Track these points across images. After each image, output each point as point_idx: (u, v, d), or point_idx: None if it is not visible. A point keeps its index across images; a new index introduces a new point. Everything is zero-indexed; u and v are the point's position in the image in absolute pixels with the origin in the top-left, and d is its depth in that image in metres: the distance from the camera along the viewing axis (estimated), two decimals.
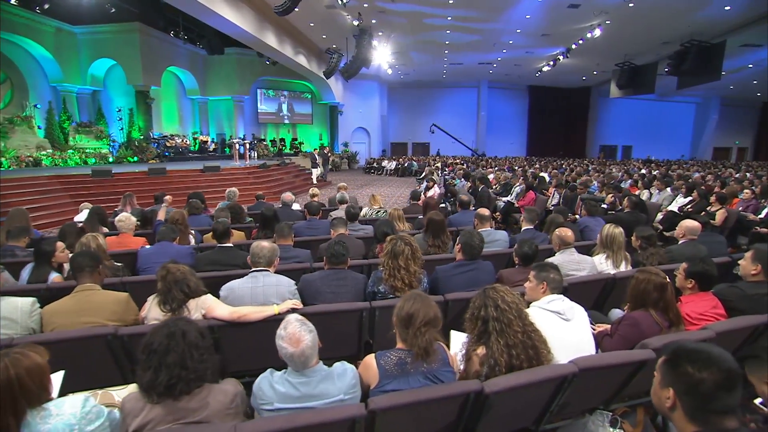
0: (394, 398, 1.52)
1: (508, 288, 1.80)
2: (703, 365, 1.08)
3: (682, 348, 1.15)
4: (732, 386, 1.06)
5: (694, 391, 1.08)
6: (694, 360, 1.10)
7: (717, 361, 1.07)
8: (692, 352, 1.12)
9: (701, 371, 1.07)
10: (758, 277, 2.46)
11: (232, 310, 2.24)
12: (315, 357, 1.58)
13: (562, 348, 1.97)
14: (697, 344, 1.15)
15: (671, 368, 1.15)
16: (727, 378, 1.06)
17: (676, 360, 1.14)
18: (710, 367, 1.07)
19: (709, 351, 1.11)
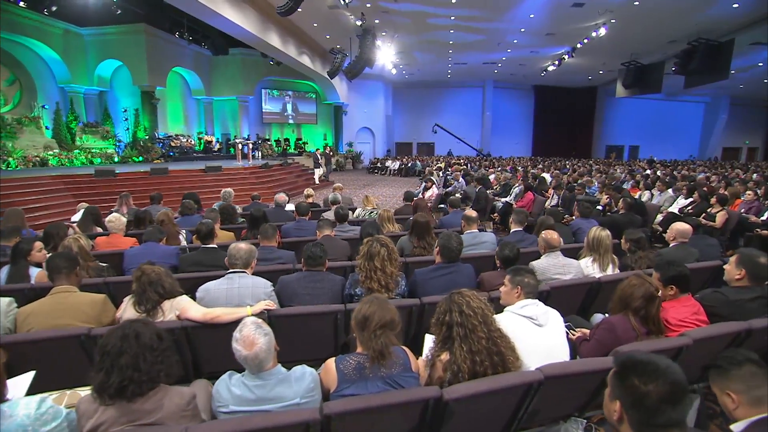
0: (348, 403, 1.51)
1: (474, 293, 1.78)
2: (649, 378, 1.06)
3: (630, 360, 1.12)
4: (676, 400, 1.03)
5: (639, 405, 1.06)
6: (640, 372, 1.07)
7: (663, 373, 1.05)
8: (640, 364, 1.09)
9: (647, 384, 1.05)
10: (742, 282, 2.40)
11: (204, 312, 2.25)
12: (271, 360, 1.57)
13: (533, 354, 1.94)
14: (646, 356, 1.12)
15: (619, 380, 1.13)
16: (671, 392, 1.03)
17: (624, 372, 1.12)
18: (656, 380, 1.04)
19: (656, 363, 1.08)
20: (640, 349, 1.82)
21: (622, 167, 16.79)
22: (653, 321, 2.06)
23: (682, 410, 1.05)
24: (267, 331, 1.57)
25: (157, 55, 16.48)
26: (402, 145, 30.13)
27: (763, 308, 2.36)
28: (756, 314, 2.32)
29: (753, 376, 1.28)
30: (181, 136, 18.09)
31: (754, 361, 1.31)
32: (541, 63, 21.53)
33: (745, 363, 1.31)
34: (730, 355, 1.35)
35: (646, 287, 2.06)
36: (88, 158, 14.03)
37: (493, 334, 1.69)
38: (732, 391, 1.31)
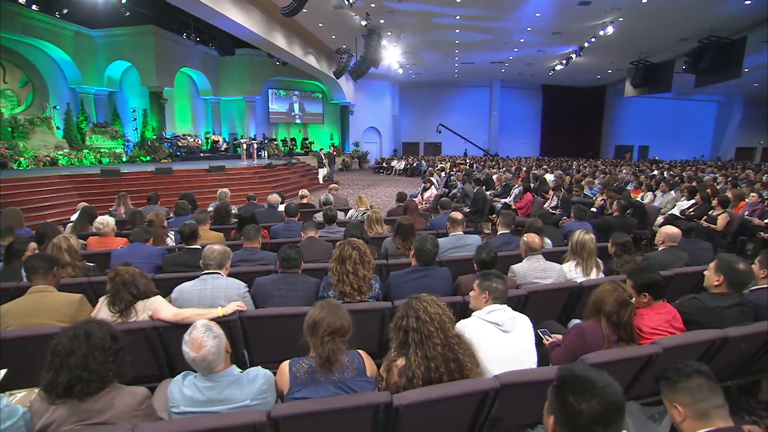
0: (296, 406, 1.52)
1: (434, 299, 1.77)
2: (583, 396, 1.02)
3: (569, 375, 1.09)
4: (608, 422, 1.00)
5: (571, 423, 1.02)
6: (576, 390, 1.04)
7: (599, 393, 1.01)
8: (578, 380, 1.06)
9: (581, 403, 1.01)
10: (721, 288, 2.35)
11: (175, 312, 2.28)
12: (221, 362, 1.58)
13: (497, 360, 1.93)
14: (586, 372, 1.08)
15: (555, 395, 1.09)
16: (603, 412, 1.00)
17: (561, 387, 1.08)
18: (590, 399, 1.01)
19: (594, 381, 1.04)
20: (588, 362, 1.80)
21: (629, 168, 16.50)
22: (625, 328, 2.02)
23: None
24: (217, 334, 1.58)
25: (165, 56, 16.72)
26: (409, 144, 30.09)
27: (741, 316, 2.30)
28: (733, 322, 2.27)
29: (699, 389, 1.25)
30: (188, 136, 18.33)
31: (703, 373, 1.28)
32: (548, 62, 21.30)
33: (693, 375, 1.27)
34: (679, 367, 1.32)
35: (619, 293, 2.03)
36: (97, 158, 14.30)
37: (450, 341, 1.67)
38: (678, 404, 1.28)
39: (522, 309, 2.82)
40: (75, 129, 15.42)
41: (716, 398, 1.23)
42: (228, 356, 1.66)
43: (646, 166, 17.12)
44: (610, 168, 15.74)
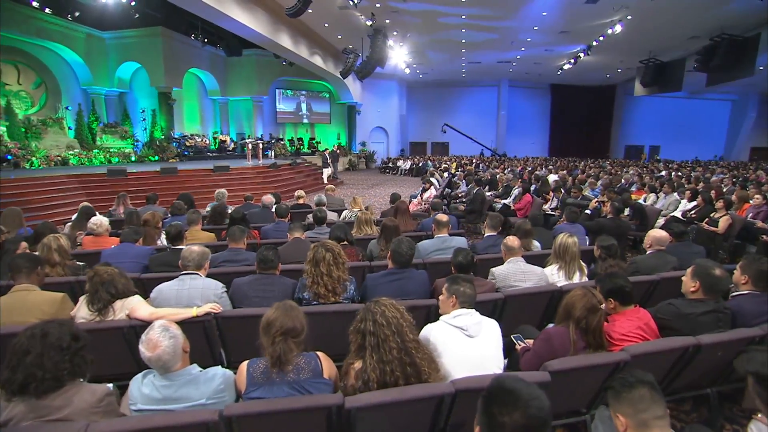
0: (248, 406, 1.55)
1: (393, 303, 1.77)
2: (507, 408, 1.02)
3: (497, 386, 1.08)
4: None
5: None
6: (500, 402, 1.04)
7: (523, 406, 1.01)
8: (503, 392, 1.06)
9: (503, 415, 1.01)
10: (697, 294, 2.31)
11: (151, 311, 2.32)
12: (178, 362, 1.62)
13: (462, 364, 1.93)
14: (514, 384, 1.08)
15: (482, 406, 1.09)
16: (525, 426, 0.99)
17: (488, 398, 1.08)
18: (513, 412, 1.00)
19: (519, 394, 1.03)
20: (551, 369, 1.79)
21: (635, 168, 16.22)
22: (594, 334, 2.00)
23: None
24: (173, 335, 1.61)
25: (174, 57, 16.98)
26: (416, 144, 30.05)
27: (717, 323, 2.27)
28: (708, 329, 2.24)
29: (641, 400, 1.23)
30: (196, 136, 18.57)
31: (647, 383, 1.26)
32: (556, 61, 21.06)
33: (637, 385, 1.26)
34: (624, 377, 1.31)
35: (588, 298, 2.00)
36: (107, 157, 14.58)
37: (407, 345, 1.68)
38: (621, 414, 1.27)
39: (500, 313, 2.82)
40: (86, 129, 15.76)
41: (657, 409, 1.22)
42: (187, 356, 1.70)
43: (654, 167, 16.81)
44: (617, 169, 15.48)
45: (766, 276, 2.39)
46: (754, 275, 2.41)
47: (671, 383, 2.32)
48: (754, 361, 1.27)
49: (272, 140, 21.02)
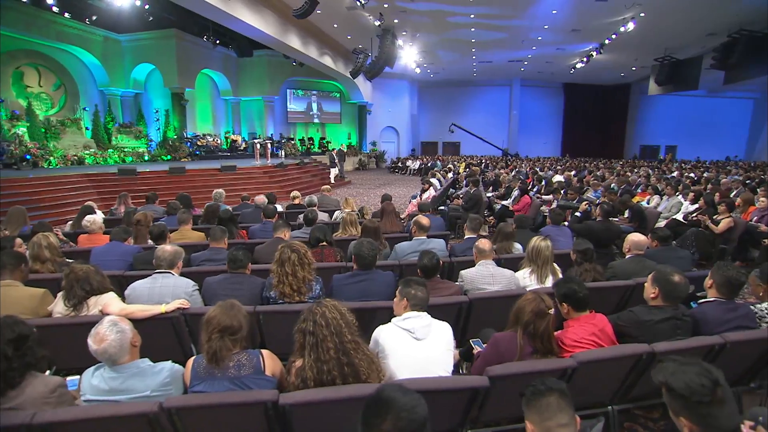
0: (187, 399, 1.63)
1: (337, 304, 1.82)
2: (379, 417, 1.05)
3: (375, 394, 1.11)
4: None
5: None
6: (375, 410, 1.06)
7: (394, 415, 1.04)
8: (379, 400, 1.08)
9: (377, 424, 1.04)
10: (657, 301, 2.28)
11: (122, 308, 2.43)
12: (125, 355, 1.70)
13: (407, 366, 1.96)
14: (391, 392, 1.11)
15: (361, 414, 1.12)
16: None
17: (366, 406, 1.11)
18: (383, 422, 1.03)
19: (394, 402, 1.06)
20: (491, 374, 1.81)
21: (647, 169, 15.82)
22: (542, 339, 2.00)
23: None
24: (121, 329, 1.70)
25: (187, 58, 17.37)
26: (427, 144, 29.99)
27: (675, 330, 2.24)
28: (666, 336, 2.21)
29: (548, 407, 1.24)
30: (208, 136, 18.96)
31: (556, 390, 1.27)
32: (568, 60, 20.73)
33: (547, 393, 1.27)
34: (534, 385, 1.32)
35: (536, 303, 2.00)
36: (121, 157, 15.03)
37: (345, 346, 1.72)
38: (529, 421, 1.28)
39: (466, 316, 2.83)
40: (102, 129, 16.28)
41: (562, 417, 1.22)
42: (136, 350, 1.78)
43: (666, 168, 16.38)
44: (628, 169, 15.14)
45: (731, 283, 2.34)
46: (720, 282, 2.37)
47: (630, 390, 2.30)
48: (665, 370, 1.27)
49: (283, 140, 21.30)
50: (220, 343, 1.70)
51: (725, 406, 1.15)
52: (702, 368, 1.21)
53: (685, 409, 1.20)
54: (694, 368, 1.21)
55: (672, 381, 1.23)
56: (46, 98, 15.26)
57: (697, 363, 1.24)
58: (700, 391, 1.15)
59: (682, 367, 1.23)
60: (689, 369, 1.21)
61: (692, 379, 1.18)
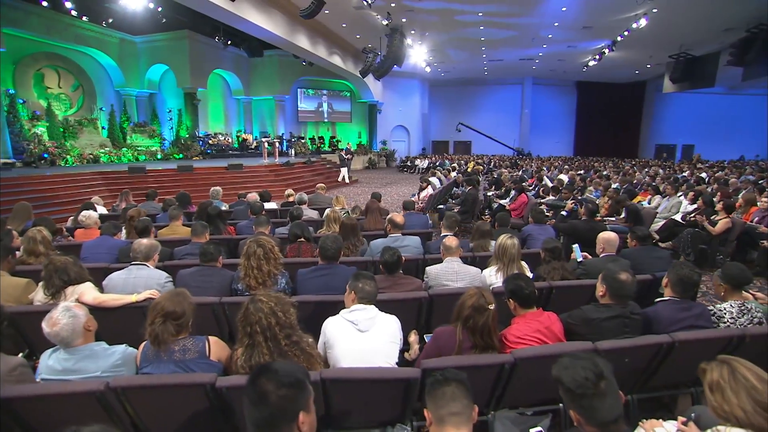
0: (131, 379, 1.76)
1: (273, 296, 1.88)
2: (264, 376, 1.13)
3: (257, 372, 1.18)
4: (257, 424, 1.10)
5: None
6: (250, 393, 1.13)
7: (275, 377, 1.12)
8: (267, 367, 1.16)
9: (263, 383, 1.12)
10: (605, 299, 2.30)
11: (95, 296, 2.58)
12: (78, 338, 1.83)
13: (349, 357, 2.05)
14: (277, 365, 1.18)
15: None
16: (278, 393, 1.10)
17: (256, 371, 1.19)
18: (269, 382, 1.11)
19: (277, 368, 1.14)
20: (423, 367, 1.87)
21: (656, 168, 15.44)
22: (481, 334, 2.04)
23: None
24: (74, 315, 1.83)
25: (199, 59, 17.76)
26: (438, 143, 29.90)
27: (623, 328, 2.25)
28: (613, 334, 2.23)
29: (442, 397, 1.29)
30: (219, 135, 19.35)
31: (452, 381, 1.32)
32: (580, 58, 20.37)
33: (444, 383, 1.31)
34: (435, 375, 1.37)
35: (476, 298, 2.05)
36: (135, 155, 15.50)
37: (276, 336, 1.79)
38: (427, 410, 1.34)
39: (428, 312, 2.89)
40: (118, 129, 16.81)
41: (454, 406, 1.27)
42: (90, 334, 1.91)
43: (678, 167, 15.95)
44: (638, 169, 14.83)
45: (684, 281, 2.35)
46: (674, 280, 2.37)
47: None
48: (559, 365, 1.32)
49: (293, 139, 21.58)
50: (162, 327, 1.82)
51: (606, 399, 1.19)
52: (590, 363, 1.25)
53: (572, 402, 1.24)
54: (583, 363, 1.26)
55: (562, 375, 1.28)
56: (65, 99, 15.84)
57: (589, 358, 1.28)
58: (583, 384, 1.20)
59: (574, 362, 1.28)
60: (579, 364, 1.26)
61: (578, 373, 1.22)
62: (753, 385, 1.37)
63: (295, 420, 1.12)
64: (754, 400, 1.36)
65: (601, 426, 1.20)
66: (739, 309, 2.44)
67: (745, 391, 1.37)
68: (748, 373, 1.40)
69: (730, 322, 2.43)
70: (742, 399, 1.37)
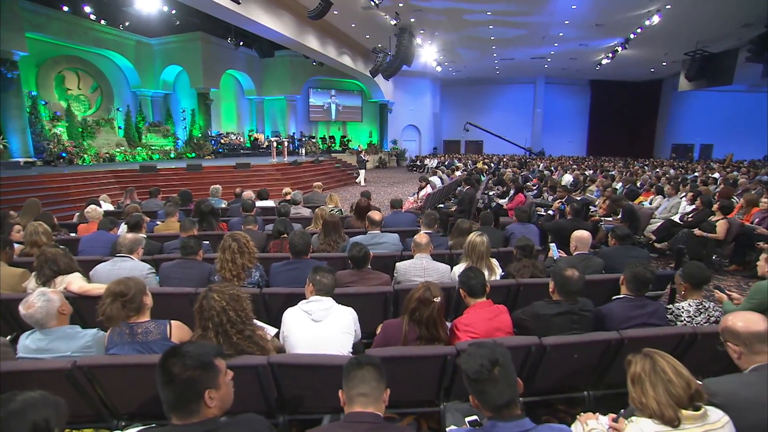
0: (95, 359, 1.92)
1: (225, 287, 2.00)
2: (172, 357, 1.26)
3: (166, 355, 1.29)
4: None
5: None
6: (159, 375, 1.25)
7: (181, 357, 1.25)
8: (158, 367, 1.26)
9: (171, 365, 1.25)
10: (555, 295, 2.36)
11: (80, 285, 2.77)
12: (52, 321, 2.00)
13: (303, 345, 2.17)
14: (187, 346, 1.31)
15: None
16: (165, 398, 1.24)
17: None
18: (179, 362, 1.25)
19: (186, 349, 1.27)
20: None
21: (666, 168, 15.08)
22: (426, 326, 2.13)
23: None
24: (48, 299, 2.00)
25: (212, 60, 18.17)
26: (450, 142, 29.85)
27: (571, 324, 2.31)
28: (560, 330, 2.28)
29: (353, 378, 1.38)
30: (231, 134, 19.77)
31: (370, 365, 1.41)
32: (593, 56, 20.04)
33: (357, 367, 1.40)
34: (351, 360, 1.47)
35: (422, 292, 2.13)
36: (149, 154, 15.99)
37: (225, 325, 1.90)
38: (341, 390, 1.45)
39: (395, 306, 2.99)
40: (133, 129, 17.36)
41: (363, 388, 1.37)
42: (64, 317, 2.08)
43: (690, 168, 15.55)
44: (650, 168, 14.53)
45: (637, 279, 2.38)
46: (628, 278, 2.41)
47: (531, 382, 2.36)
48: (463, 354, 1.40)
49: (304, 138, 21.86)
50: (111, 306, 1.97)
51: (498, 385, 1.28)
52: (489, 351, 1.34)
53: (470, 387, 1.33)
54: (482, 351, 1.34)
55: (463, 363, 1.37)
56: (84, 100, 16.45)
57: (489, 347, 1.36)
58: (479, 370, 1.29)
59: (475, 351, 1.37)
60: (479, 352, 1.35)
61: (476, 361, 1.31)
62: (670, 378, 1.43)
63: (202, 398, 1.24)
64: (668, 393, 1.42)
65: (494, 409, 1.28)
66: (697, 308, 2.47)
67: (662, 384, 1.43)
68: (667, 367, 1.46)
69: (687, 320, 2.46)
70: (659, 391, 1.43)
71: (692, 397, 1.42)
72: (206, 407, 1.25)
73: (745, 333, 1.62)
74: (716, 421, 1.42)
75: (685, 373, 1.44)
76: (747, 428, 1.51)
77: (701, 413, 1.40)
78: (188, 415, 1.24)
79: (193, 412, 1.24)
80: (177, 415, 1.25)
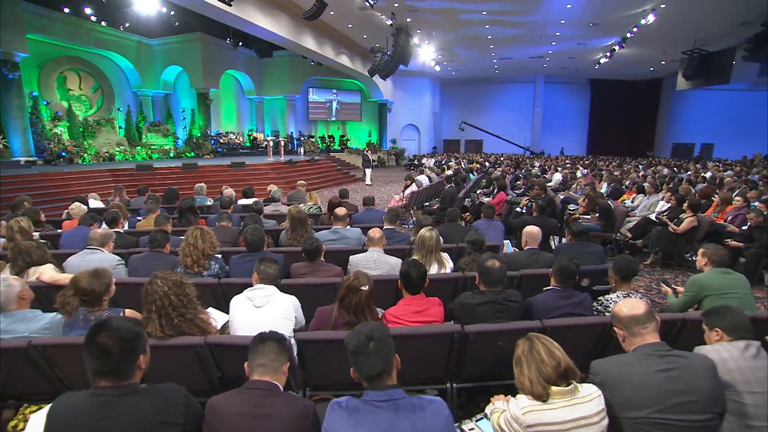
0: (48, 339, 2.11)
1: (170, 274, 2.17)
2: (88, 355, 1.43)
3: (95, 329, 1.45)
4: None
5: None
6: (92, 349, 1.42)
7: (98, 357, 1.41)
8: (88, 341, 1.43)
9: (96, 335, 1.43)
10: (481, 286, 2.51)
11: (51, 275, 2.97)
12: (12, 305, 2.18)
13: (244, 328, 2.35)
14: (117, 320, 1.48)
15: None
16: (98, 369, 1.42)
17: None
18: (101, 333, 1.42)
19: (99, 344, 1.40)
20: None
21: (660, 167, 15.06)
22: (354, 312, 2.26)
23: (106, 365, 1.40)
24: (9, 284, 2.18)
25: (211, 60, 18.43)
26: (450, 142, 29.91)
27: (495, 314, 2.44)
28: (485, 319, 2.41)
29: (255, 351, 1.56)
30: (231, 133, 20.03)
31: (272, 340, 1.57)
32: (591, 55, 20.02)
33: (260, 342, 1.58)
34: (261, 334, 1.64)
35: (351, 280, 2.28)
36: (148, 153, 16.28)
37: (166, 308, 2.08)
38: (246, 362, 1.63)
39: None
40: (134, 128, 17.67)
41: (261, 359, 1.55)
42: (25, 302, 2.26)
43: (682, 167, 15.52)
44: (644, 168, 14.55)
45: (563, 271, 2.52)
46: (555, 270, 2.55)
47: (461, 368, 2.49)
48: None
49: (303, 137, 22.08)
50: (70, 299, 2.16)
51: (371, 357, 1.43)
52: (369, 329, 1.49)
53: (350, 359, 1.49)
54: (363, 328, 1.50)
55: (346, 338, 1.52)
56: (85, 100, 16.78)
57: (371, 326, 1.52)
58: (357, 344, 1.45)
59: (360, 328, 1.52)
60: (361, 329, 1.50)
61: (356, 336, 1.47)
62: (542, 359, 1.60)
63: (137, 361, 1.44)
64: (539, 371, 1.59)
65: (367, 379, 1.45)
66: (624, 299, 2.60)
67: (535, 364, 1.60)
68: (542, 349, 1.63)
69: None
70: (532, 370, 1.60)
71: (563, 375, 1.58)
72: (138, 370, 1.44)
73: (626, 317, 1.77)
74: (585, 395, 1.58)
75: (557, 354, 1.60)
76: (621, 404, 1.66)
77: (570, 388, 1.56)
78: (123, 378, 1.42)
79: (127, 375, 1.43)
80: (109, 379, 1.41)
